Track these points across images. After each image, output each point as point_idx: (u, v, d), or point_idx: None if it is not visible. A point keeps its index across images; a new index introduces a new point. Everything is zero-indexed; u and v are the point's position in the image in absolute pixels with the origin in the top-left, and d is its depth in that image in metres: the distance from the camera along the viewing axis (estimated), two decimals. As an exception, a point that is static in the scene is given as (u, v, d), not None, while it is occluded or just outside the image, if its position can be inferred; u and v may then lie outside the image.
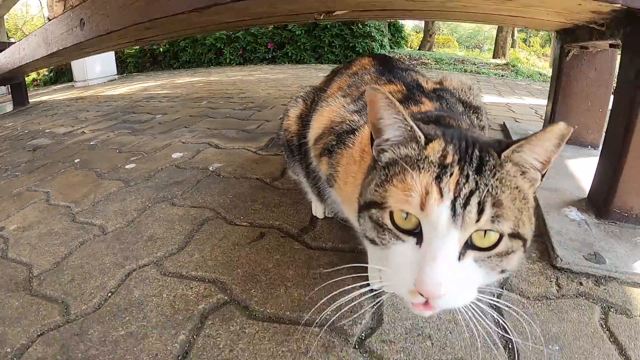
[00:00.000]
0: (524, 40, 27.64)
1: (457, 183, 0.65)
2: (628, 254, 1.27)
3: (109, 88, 7.90)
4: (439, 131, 0.73)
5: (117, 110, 4.60)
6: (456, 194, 0.64)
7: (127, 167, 2.33)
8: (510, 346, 0.98)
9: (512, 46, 17.28)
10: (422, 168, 0.68)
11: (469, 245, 0.66)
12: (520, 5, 1.72)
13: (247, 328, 1.05)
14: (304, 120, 1.40)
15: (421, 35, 18.51)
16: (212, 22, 3.06)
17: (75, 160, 2.61)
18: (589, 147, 2.20)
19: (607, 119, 1.77)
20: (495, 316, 1.03)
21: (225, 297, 1.16)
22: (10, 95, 6.91)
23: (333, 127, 1.12)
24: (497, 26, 14.87)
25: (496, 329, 1.00)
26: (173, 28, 3.13)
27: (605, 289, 1.17)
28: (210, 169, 2.15)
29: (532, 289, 1.17)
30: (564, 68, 2.21)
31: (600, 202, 1.51)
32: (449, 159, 0.68)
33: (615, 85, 1.53)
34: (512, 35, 17.19)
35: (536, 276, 1.23)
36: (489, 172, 0.68)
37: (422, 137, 0.71)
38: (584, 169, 1.88)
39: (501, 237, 0.66)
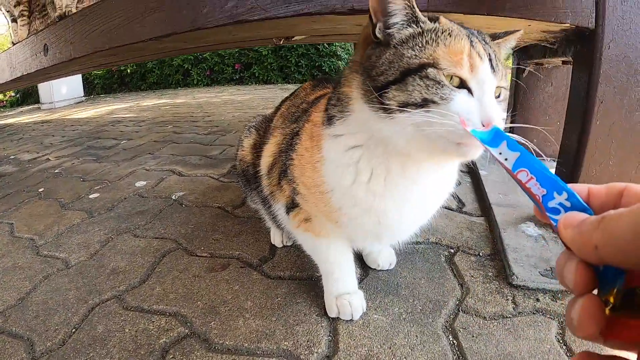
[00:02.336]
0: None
1: (484, 48, 0.82)
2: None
3: (75, 111, 7.85)
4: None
5: (82, 136, 4.60)
6: (487, 57, 0.81)
7: (90, 196, 2.35)
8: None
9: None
10: (457, 36, 0.82)
11: None
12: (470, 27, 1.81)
13: (206, 361, 1.10)
14: (258, 150, 1.47)
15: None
16: (173, 47, 3.12)
17: (40, 190, 2.62)
18: (549, 159, 2.28)
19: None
20: (451, 338, 1.11)
21: (186, 331, 1.21)
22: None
23: (281, 148, 1.20)
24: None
25: (450, 353, 1.07)
26: (136, 54, 3.18)
27: (562, 303, 1.23)
28: (173, 197, 2.19)
29: (488, 308, 1.23)
30: (522, 83, 2.31)
31: None
32: (464, 31, 0.84)
33: (568, 99, 1.62)
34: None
35: (492, 295, 1.28)
36: (491, 45, 0.87)
37: (425, 16, 0.85)
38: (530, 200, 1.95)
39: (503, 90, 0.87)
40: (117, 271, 1.53)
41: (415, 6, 0.83)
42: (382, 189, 0.97)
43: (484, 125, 0.74)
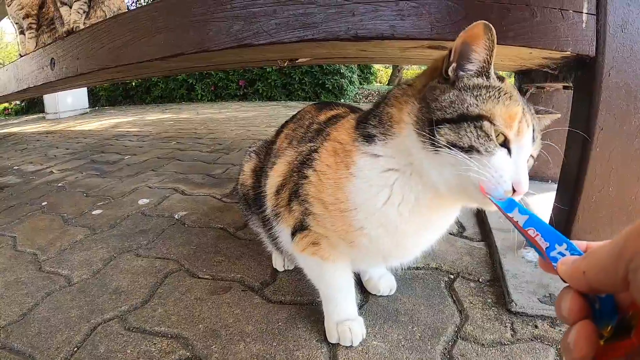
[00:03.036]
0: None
1: (531, 118, 0.90)
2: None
3: (80, 122, 7.89)
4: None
5: (86, 149, 4.63)
6: (532, 127, 0.89)
7: (93, 212, 2.37)
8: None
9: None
10: (515, 100, 0.89)
11: None
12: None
13: (205, 384, 1.11)
14: (259, 174, 1.50)
15: (390, 70, 18.78)
16: (179, 66, 3.15)
17: (43, 203, 2.64)
18: (550, 181, 2.30)
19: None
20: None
21: (187, 354, 1.21)
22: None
23: (293, 168, 1.20)
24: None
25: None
26: (142, 71, 3.22)
27: (560, 330, 1.23)
28: (176, 217, 2.21)
29: (486, 335, 1.24)
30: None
31: None
32: (520, 99, 0.91)
33: (569, 125, 1.63)
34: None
35: (491, 322, 1.29)
36: (534, 117, 0.94)
37: (496, 75, 0.93)
38: (543, 205, 1.94)
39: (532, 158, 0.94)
40: (119, 291, 1.54)
41: (492, 63, 0.90)
42: (408, 213, 1.01)
43: (513, 188, 0.82)
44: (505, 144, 0.85)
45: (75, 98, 10.05)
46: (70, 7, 3.77)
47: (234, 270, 1.65)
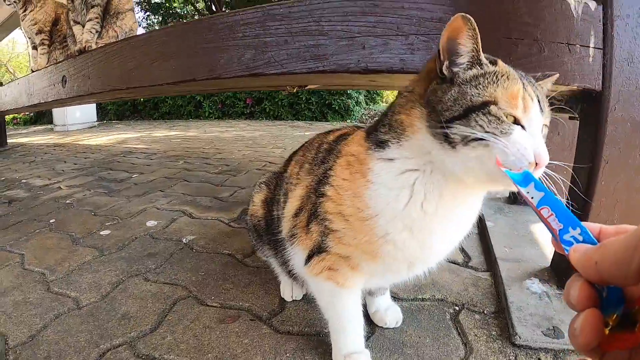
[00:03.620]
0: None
1: (533, 90, 0.91)
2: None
3: (88, 136, 7.94)
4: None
5: (94, 165, 4.67)
6: (537, 98, 0.91)
7: (101, 233, 2.39)
8: None
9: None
10: (513, 79, 0.91)
11: None
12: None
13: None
14: (269, 204, 1.51)
15: (396, 91, 18.80)
16: (189, 89, 3.19)
17: (51, 221, 2.66)
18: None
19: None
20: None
21: (195, 384, 1.22)
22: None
23: (310, 190, 1.21)
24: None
25: None
26: (152, 92, 3.26)
27: None
28: (184, 241, 2.22)
29: None
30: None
31: (561, 270, 1.60)
32: (517, 74, 0.93)
33: (574, 157, 1.64)
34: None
35: (495, 355, 1.30)
36: (537, 86, 0.96)
37: (487, 59, 0.94)
38: (549, 233, 1.96)
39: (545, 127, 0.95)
40: (128, 316, 1.55)
41: (480, 50, 0.92)
42: (433, 211, 1.01)
43: (535, 159, 0.83)
44: (516, 122, 0.87)
45: (84, 111, 10.15)
46: (83, 26, 3.84)
47: (243, 298, 1.66)
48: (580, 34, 1.41)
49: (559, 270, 1.63)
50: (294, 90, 2.90)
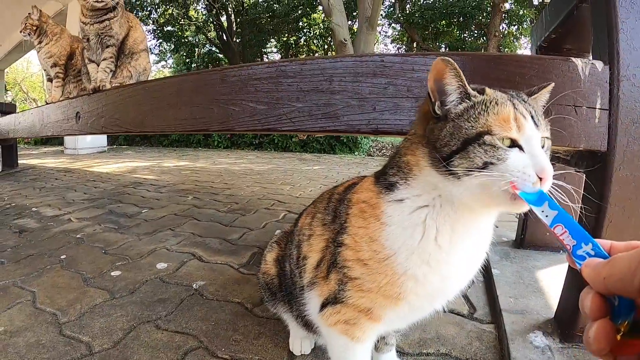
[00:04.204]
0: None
1: (525, 108, 0.95)
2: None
3: (98, 162, 8.02)
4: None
5: (104, 196, 4.72)
6: (530, 114, 0.95)
7: (112, 274, 2.42)
8: None
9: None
10: (502, 103, 0.96)
11: None
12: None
13: None
14: (281, 262, 1.55)
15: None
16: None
17: (62, 257, 2.69)
18: (561, 251, 2.32)
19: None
20: None
21: None
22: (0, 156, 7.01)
23: (329, 242, 1.23)
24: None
25: None
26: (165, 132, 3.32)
27: None
28: (194, 286, 2.24)
29: None
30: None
31: (565, 323, 1.60)
32: (506, 96, 0.98)
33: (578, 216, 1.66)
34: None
35: None
36: (530, 102, 1.01)
37: (475, 90, 1.00)
38: (554, 280, 1.97)
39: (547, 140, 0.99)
40: (140, 367, 1.57)
41: (467, 84, 0.98)
42: (447, 243, 1.04)
43: (539, 177, 0.86)
44: (514, 143, 0.91)
45: (95, 136, 10.24)
46: (98, 65, 3.93)
47: (252, 350, 1.67)
48: (587, 96, 1.44)
49: (562, 323, 1.63)
50: (304, 137, 2.97)
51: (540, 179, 0.86)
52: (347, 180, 1.45)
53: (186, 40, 27.67)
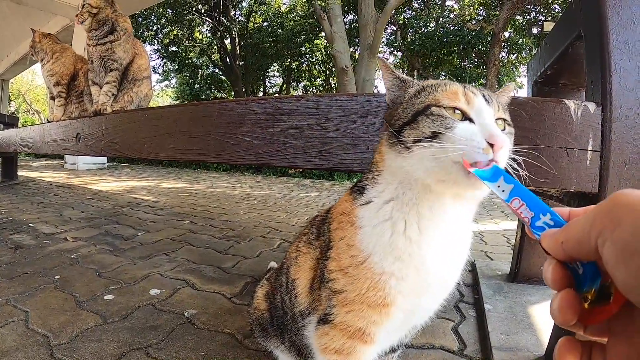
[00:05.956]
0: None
1: (476, 89, 1.03)
2: None
3: (97, 179, 8.05)
4: None
5: (101, 216, 4.74)
6: (480, 93, 1.01)
7: (105, 297, 2.43)
8: None
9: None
10: (451, 84, 1.05)
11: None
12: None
13: None
14: (271, 297, 1.57)
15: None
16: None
17: (56, 277, 2.70)
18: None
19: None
20: None
21: None
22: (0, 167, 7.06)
23: (317, 261, 1.24)
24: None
25: None
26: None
27: None
28: (186, 315, 2.25)
29: None
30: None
31: None
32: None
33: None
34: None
35: None
36: (484, 90, 1.06)
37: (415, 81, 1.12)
38: (547, 316, 1.92)
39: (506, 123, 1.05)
40: (128, 396, 1.58)
41: (396, 72, 1.11)
42: (417, 235, 1.05)
43: (489, 144, 0.88)
44: (465, 117, 0.96)
45: (95, 153, 10.29)
46: (101, 88, 3.98)
47: (240, 385, 1.69)
48: (579, 138, 1.45)
49: (552, 361, 1.64)
50: (301, 170, 3.01)
51: (492, 145, 0.89)
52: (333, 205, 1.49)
53: (190, 61, 27.97)
